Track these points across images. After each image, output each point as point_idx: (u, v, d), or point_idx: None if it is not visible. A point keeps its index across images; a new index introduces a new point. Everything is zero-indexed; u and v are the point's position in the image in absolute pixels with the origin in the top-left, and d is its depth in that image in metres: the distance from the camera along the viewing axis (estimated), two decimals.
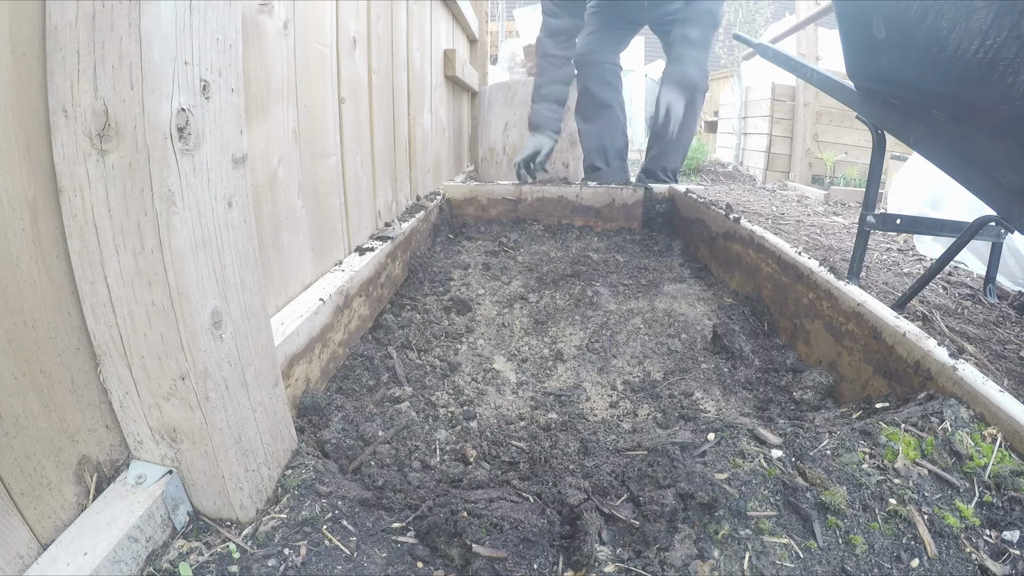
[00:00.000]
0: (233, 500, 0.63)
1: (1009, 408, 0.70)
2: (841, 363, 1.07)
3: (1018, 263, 2.08)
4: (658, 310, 1.50)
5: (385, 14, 1.62)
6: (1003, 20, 0.95)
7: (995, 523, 0.62)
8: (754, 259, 1.52)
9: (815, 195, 4.33)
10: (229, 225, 0.61)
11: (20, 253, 0.51)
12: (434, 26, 2.42)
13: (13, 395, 0.50)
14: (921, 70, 1.23)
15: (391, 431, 0.91)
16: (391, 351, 1.19)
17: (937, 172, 1.61)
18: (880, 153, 1.78)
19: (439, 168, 2.61)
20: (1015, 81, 0.96)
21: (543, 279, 1.72)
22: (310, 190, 1.15)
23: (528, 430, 0.97)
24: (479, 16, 3.67)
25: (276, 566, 0.58)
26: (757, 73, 5.95)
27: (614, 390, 1.15)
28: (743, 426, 0.78)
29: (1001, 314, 1.80)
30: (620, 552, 0.62)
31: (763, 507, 0.64)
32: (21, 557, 0.51)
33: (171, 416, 0.59)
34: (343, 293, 1.14)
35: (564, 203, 2.38)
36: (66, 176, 0.52)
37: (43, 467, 0.53)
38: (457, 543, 0.63)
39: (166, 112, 0.51)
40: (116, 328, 0.57)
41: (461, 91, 3.32)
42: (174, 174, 0.52)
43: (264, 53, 0.93)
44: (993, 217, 1.37)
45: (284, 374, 0.85)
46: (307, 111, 1.12)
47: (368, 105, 1.50)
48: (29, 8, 0.50)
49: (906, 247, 2.68)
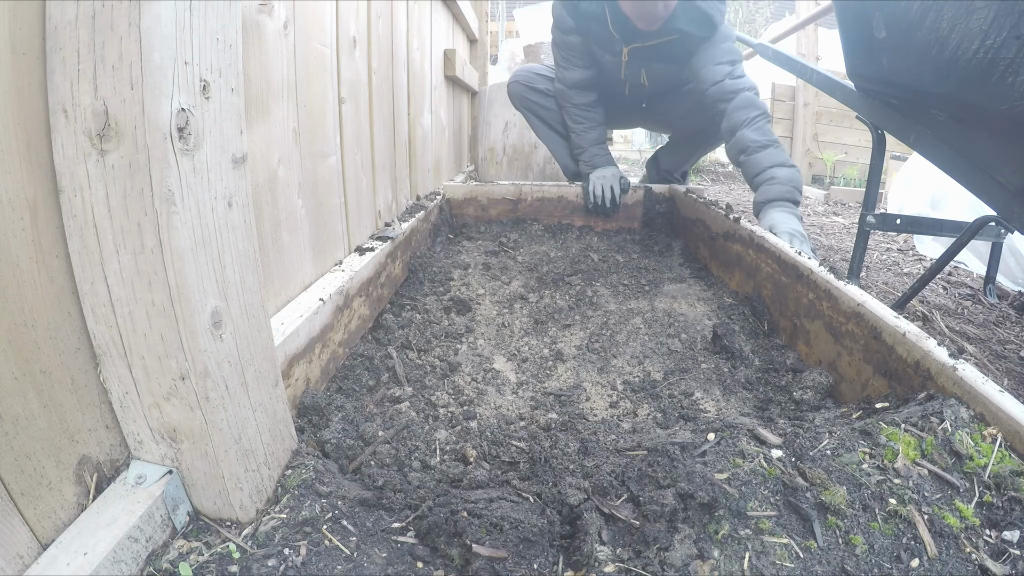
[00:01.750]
0: (233, 500, 0.63)
1: (1009, 408, 0.70)
2: (841, 363, 1.07)
3: (1018, 263, 2.08)
4: (658, 310, 1.50)
5: (385, 14, 1.62)
6: (1003, 20, 0.95)
7: (995, 523, 0.62)
8: (754, 259, 1.52)
9: (815, 195, 4.33)
10: (229, 225, 0.61)
11: (20, 253, 0.51)
12: (434, 26, 2.42)
13: (13, 395, 0.50)
14: (921, 70, 1.23)
15: (391, 431, 0.91)
16: (391, 351, 1.19)
17: (937, 172, 1.61)
18: (880, 153, 1.78)
19: (439, 168, 2.61)
20: (1015, 81, 0.96)
21: (543, 279, 1.72)
22: (310, 190, 1.15)
23: (528, 430, 0.97)
24: (479, 16, 3.67)
25: (276, 566, 0.58)
26: (757, 73, 5.95)
27: (614, 390, 1.15)
28: (743, 426, 0.78)
29: (1001, 314, 1.80)
30: (620, 552, 0.62)
31: (763, 507, 0.64)
32: (21, 557, 0.51)
33: (171, 416, 0.59)
34: (343, 293, 1.14)
35: (564, 203, 2.38)
36: (66, 176, 0.52)
37: (43, 467, 0.53)
38: (457, 543, 0.63)
39: (166, 112, 0.51)
40: (116, 328, 0.57)
41: (461, 91, 3.32)
42: (174, 174, 0.52)
43: (264, 53, 0.93)
44: (993, 217, 1.37)
45: (284, 374, 0.85)
46: (307, 111, 1.12)
47: (368, 105, 1.50)
48: (29, 8, 0.50)
49: (906, 247, 2.68)
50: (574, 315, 1.48)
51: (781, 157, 1.81)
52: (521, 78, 2.57)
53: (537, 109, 2.58)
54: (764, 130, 1.87)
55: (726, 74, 1.98)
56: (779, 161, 1.80)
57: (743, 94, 1.94)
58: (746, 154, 1.86)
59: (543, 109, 2.57)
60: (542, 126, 2.62)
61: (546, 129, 2.63)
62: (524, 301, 1.57)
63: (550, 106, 2.55)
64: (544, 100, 2.55)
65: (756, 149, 1.84)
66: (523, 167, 3.30)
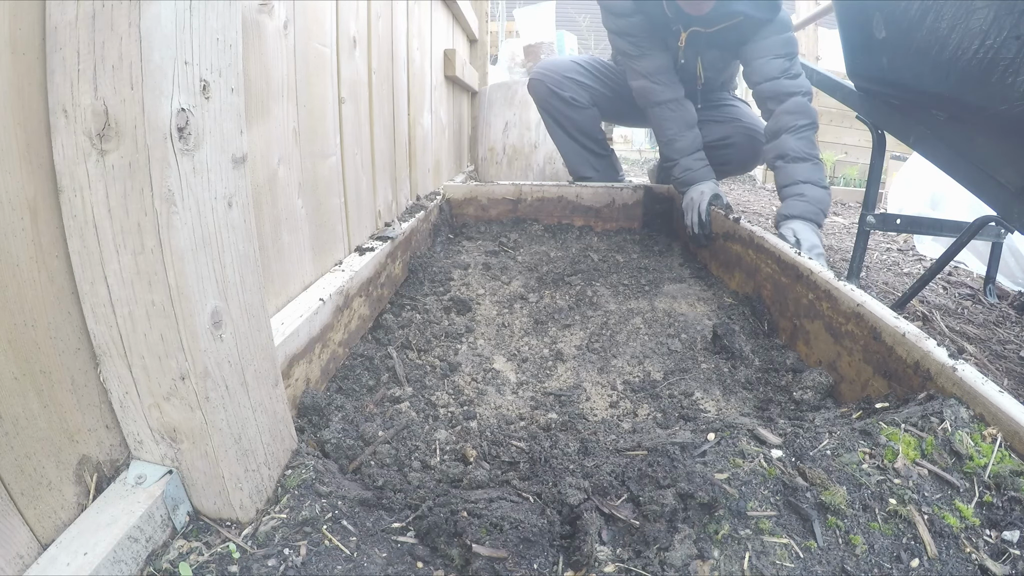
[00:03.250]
0: (233, 500, 0.63)
1: (1009, 408, 0.70)
2: (841, 363, 1.07)
3: (1018, 263, 2.08)
4: (658, 310, 1.50)
5: (385, 14, 1.62)
6: (1003, 20, 0.95)
7: (995, 523, 0.62)
8: (754, 259, 1.52)
9: None
10: (229, 225, 0.61)
11: (20, 253, 0.51)
12: (434, 26, 2.42)
13: (13, 395, 0.50)
14: (921, 70, 1.23)
15: (391, 431, 0.91)
16: (391, 351, 1.19)
17: (937, 172, 1.61)
18: (880, 153, 1.78)
19: (439, 168, 2.61)
20: (1015, 81, 0.96)
21: (543, 279, 1.72)
22: (310, 190, 1.15)
23: (528, 430, 0.97)
24: (479, 16, 3.66)
25: (276, 566, 0.58)
26: None
27: (614, 390, 1.15)
28: (743, 426, 0.78)
29: (1001, 314, 1.80)
30: (620, 552, 0.62)
31: (763, 507, 0.64)
32: (21, 557, 0.51)
33: (171, 416, 0.59)
34: (343, 293, 1.14)
35: (564, 203, 2.38)
36: (66, 176, 0.52)
37: (43, 467, 0.53)
38: (457, 543, 0.63)
39: (166, 112, 0.51)
40: (116, 328, 0.57)
41: (461, 91, 3.32)
42: (174, 174, 0.52)
43: (264, 53, 0.93)
44: (993, 217, 1.37)
45: (284, 374, 0.85)
46: (307, 111, 1.12)
47: (368, 105, 1.50)
48: (29, 8, 0.50)
49: (906, 247, 2.68)
50: (574, 315, 1.48)
51: (816, 175, 1.73)
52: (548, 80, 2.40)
53: (558, 116, 2.46)
54: (809, 141, 1.78)
55: (782, 71, 1.85)
56: (813, 179, 1.72)
57: (796, 98, 1.82)
58: (783, 160, 1.78)
59: (565, 119, 2.45)
60: (559, 131, 2.52)
61: (564, 136, 2.52)
62: (524, 301, 1.57)
63: (574, 116, 2.42)
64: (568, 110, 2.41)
65: (794, 159, 1.76)
66: (523, 167, 3.30)
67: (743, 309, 1.48)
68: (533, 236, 2.23)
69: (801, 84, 1.85)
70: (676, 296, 1.59)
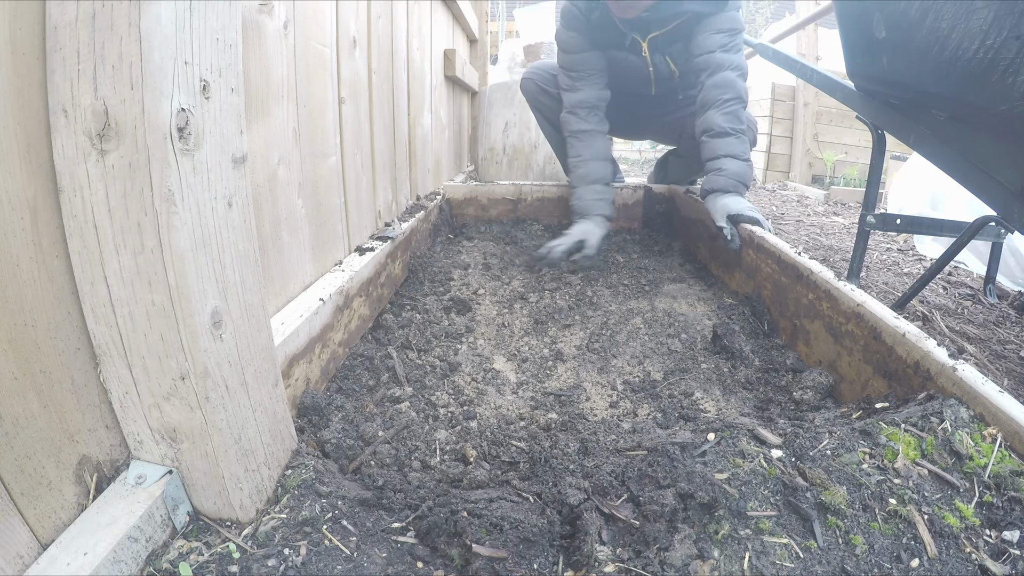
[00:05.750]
0: (233, 500, 0.63)
1: (1009, 408, 0.70)
2: (841, 363, 1.07)
3: (1018, 263, 2.08)
4: (658, 310, 1.50)
5: (385, 14, 1.62)
6: (1003, 20, 0.95)
7: (995, 523, 0.62)
8: (754, 259, 1.52)
9: (815, 195, 4.33)
10: (229, 225, 0.61)
11: (20, 253, 0.51)
12: (434, 26, 2.42)
13: (13, 395, 0.50)
14: (921, 70, 1.23)
15: (391, 431, 0.91)
16: (391, 351, 1.19)
17: (937, 172, 1.61)
18: (880, 153, 1.78)
19: (439, 168, 2.61)
20: (1015, 81, 0.96)
21: (543, 279, 1.72)
22: (310, 190, 1.15)
23: (528, 430, 0.97)
24: (479, 16, 3.66)
25: (276, 566, 0.58)
26: (757, 73, 5.95)
27: (614, 390, 1.15)
28: (743, 426, 0.78)
29: (1001, 314, 1.80)
30: (620, 552, 0.62)
31: (763, 507, 0.64)
32: (21, 557, 0.51)
33: (171, 416, 0.59)
34: (343, 293, 1.14)
35: (564, 203, 2.38)
36: (66, 176, 0.52)
37: (43, 467, 0.53)
38: (457, 543, 0.63)
39: (166, 112, 0.51)
40: (116, 328, 0.57)
41: (461, 91, 3.32)
42: (174, 174, 0.52)
43: (264, 53, 0.93)
44: (993, 217, 1.37)
45: (284, 374, 0.85)
46: (307, 111, 1.12)
47: (368, 105, 1.50)
48: (29, 8, 0.50)
49: (906, 247, 2.68)
50: (574, 315, 1.48)
51: (737, 148, 1.78)
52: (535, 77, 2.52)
53: (545, 110, 2.54)
54: (733, 115, 1.81)
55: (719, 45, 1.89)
56: (734, 152, 1.77)
57: (725, 73, 1.85)
58: (707, 135, 1.83)
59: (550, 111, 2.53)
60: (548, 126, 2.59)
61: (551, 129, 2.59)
62: (524, 301, 1.57)
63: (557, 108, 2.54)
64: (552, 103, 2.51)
65: (717, 134, 1.80)
66: (523, 167, 3.30)
67: (743, 309, 1.48)
68: (533, 236, 2.23)
69: (734, 60, 1.87)
70: (676, 296, 1.59)
